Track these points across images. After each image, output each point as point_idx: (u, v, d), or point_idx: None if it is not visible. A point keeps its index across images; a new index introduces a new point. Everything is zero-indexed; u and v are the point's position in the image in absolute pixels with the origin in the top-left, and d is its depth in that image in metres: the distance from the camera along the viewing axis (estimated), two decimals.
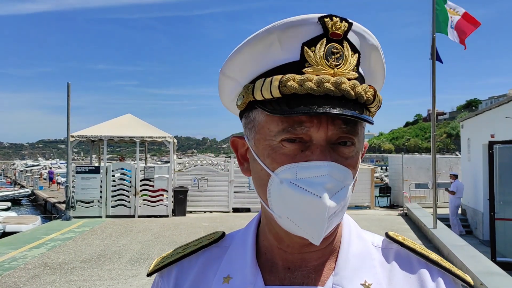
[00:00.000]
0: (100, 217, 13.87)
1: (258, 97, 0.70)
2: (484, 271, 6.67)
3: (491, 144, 9.59)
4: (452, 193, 13.65)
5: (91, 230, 11.75)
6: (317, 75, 0.67)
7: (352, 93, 0.67)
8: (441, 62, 10.08)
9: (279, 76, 0.67)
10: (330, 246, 0.77)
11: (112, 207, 14.16)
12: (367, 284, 0.74)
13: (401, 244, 0.80)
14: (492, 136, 11.88)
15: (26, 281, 7.01)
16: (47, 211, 24.16)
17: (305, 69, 0.68)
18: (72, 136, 14.08)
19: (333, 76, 0.67)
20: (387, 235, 0.83)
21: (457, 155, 26.71)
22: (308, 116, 0.67)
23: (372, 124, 0.73)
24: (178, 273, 0.84)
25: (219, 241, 0.86)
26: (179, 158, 19.63)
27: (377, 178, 34.94)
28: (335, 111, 0.65)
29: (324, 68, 0.67)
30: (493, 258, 8.87)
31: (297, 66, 0.68)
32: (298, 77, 0.67)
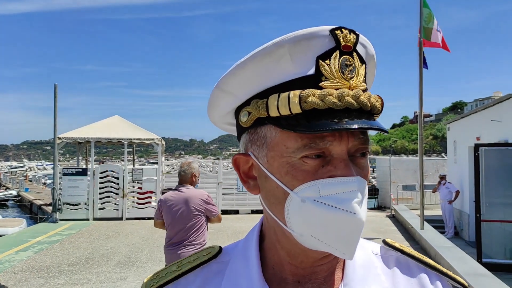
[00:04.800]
0: (88, 219, 13.74)
1: (274, 113, 0.68)
2: (470, 272, 6.76)
3: (476, 147, 9.72)
4: (457, 193, 13.67)
5: (79, 233, 11.64)
6: (336, 89, 0.66)
7: (369, 104, 0.68)
8: (427, 68, 10.19)
9: (298, 92, 0.66)
10: (337, 257, 0.77)
11: (100, 209, 14.06)
12: None
13: (400, 251, 0.82)
14: (478, 138, 12.05)
15: (13, 284, 6.92)
16: (33, 213, 23.89)
17: (322, 83, 0.67)
18: (59, 138, 13.93)
19: (349, 89, 0.67)
20: (385, 243, 0.84)
21: (443, 157, 27.03)
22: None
23: (387, 133, 0.73)
24: None
25: (218, 257, 0.82)
26: (166, 159, 19.54)
27: None
28: (364, 125, 0.65)
29: (340, 81, 0.67)
30: (479, 259, 8.98)
31: (313, 80, 0.67)
32: (318, 92, 0.66)
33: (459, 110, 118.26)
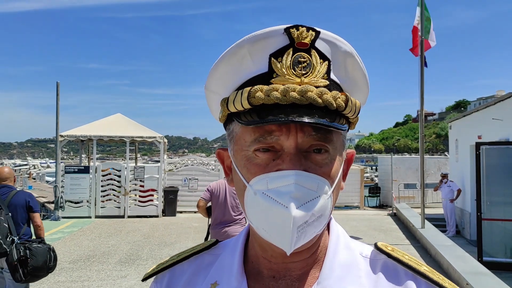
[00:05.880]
0: (90, 217, 13.80)
1: (232, 109, 0.73)
2: (470, 271, 6.76)
3: (478, 145, 9.70)
4: (459, 192, 13.68)
5: (80, 231, 11.68)
6: (283, 85, 0.68)
7: (320, 100, 0.68)
8: (426, 66, 10.18)
9: (248, 88, 0.70)
10: (314, 256, 0.77)
11: (102, 207, 14.12)
12: None
13: (389, 255, 0.78)
14: (479, 137, 12.02)
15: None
16: None
17: (273, 79, 0.69)
18: (61, 136, 13.99)
19: (299, 85, 0.68)
20: (376, 246, 0.81)
21: (446, 155, 26.97)
22: (278, 125, 0.68)
23: (344, 130, 0.73)
24: (170, 279, 0.86)
25: (210, 248, 0.88)
26: (170, 157, 19.57)
27: (367, 178, 35.13)
28: (304, 119, 0.66)
29: (291, 78, 0.69)
30: (479, 258, 8.97)
31: (266, 77, 0.70)
32: (265, 87, 0.69)
33: (462, 108, 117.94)
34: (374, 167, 54.91)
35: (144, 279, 0.91)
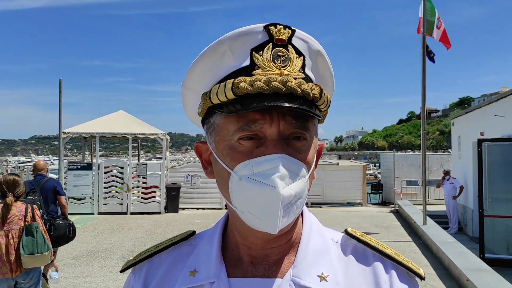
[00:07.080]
0: (92, 213, 13.86)
1: (215, 101, 0.76)
2: (471, 267, 6.77)
3: (480, 142, 9.68)
4: (461, 189, 13.68)
5: (83, 227, 11.74)
6: (265, 76, 0.73)
7: (299, 90, 0.73)
8: (433, 62, 10.16)
9: (232, 80, 0.74)
10: (290, 242, 0.82)
11: (104, 204, 14.18)
12: (323, 276, 0.78)
13: (358, 240, 0.85)
14: (482, 134, 11.99)
15: None
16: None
17: (255, 71, 0.74)
18: (64, 133, 14.03)
19: (280, 76, 0.73)
20: (346, 232, 0.87)
21: (449, 152, 26.91)
22: (261, 113, 0.73)
23: (320, 118, 0.79)
24: (148, 269, 0.89)
25: (188, 239, 0.92)
26: (173, 154, 19.63)
27: (370, 175, 35.09)
28: (287, 105, 0.71)
29: (271, 70, 0.74)
30: (481, 254, 8.97)
31: (248, 70, 0.75)
32: (248, 78, 0.73)
33: (466, 105, 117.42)
34: (377, 164, 54.83)
35: (122, 270, 0.94)
